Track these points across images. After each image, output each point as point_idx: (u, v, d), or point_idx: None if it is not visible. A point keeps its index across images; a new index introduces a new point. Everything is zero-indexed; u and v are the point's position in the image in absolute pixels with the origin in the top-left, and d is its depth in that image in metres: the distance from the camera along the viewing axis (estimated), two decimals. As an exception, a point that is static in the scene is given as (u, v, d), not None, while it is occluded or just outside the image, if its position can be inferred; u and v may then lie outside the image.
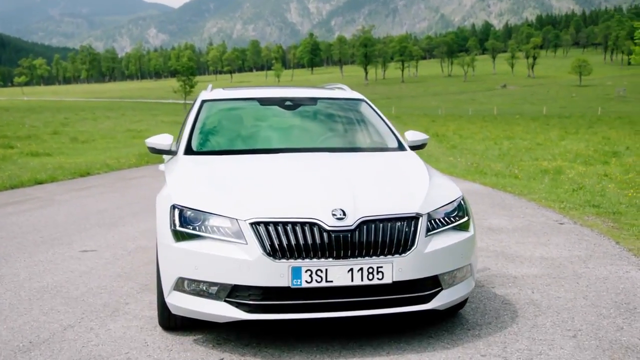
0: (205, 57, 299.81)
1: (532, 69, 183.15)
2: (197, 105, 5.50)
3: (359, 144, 5.42)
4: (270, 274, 3.75)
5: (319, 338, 4.20)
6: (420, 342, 4.10)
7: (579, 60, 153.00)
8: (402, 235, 3.88)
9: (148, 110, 78.88)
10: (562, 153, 19.99)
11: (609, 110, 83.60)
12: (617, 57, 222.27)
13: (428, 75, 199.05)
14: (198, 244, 3.92)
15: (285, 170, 4.49)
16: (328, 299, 3.80)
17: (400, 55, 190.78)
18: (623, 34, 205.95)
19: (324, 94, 5.84)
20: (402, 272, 3.83)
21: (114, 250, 6.99)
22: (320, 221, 3.80)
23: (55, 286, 5.60)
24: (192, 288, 3.98)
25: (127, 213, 9.43)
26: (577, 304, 4.84)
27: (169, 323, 4.35)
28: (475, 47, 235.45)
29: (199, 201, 4.07)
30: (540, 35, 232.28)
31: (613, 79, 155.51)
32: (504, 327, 4.37)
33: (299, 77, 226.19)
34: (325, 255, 3.77)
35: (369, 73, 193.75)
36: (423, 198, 4.10)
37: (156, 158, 19.03)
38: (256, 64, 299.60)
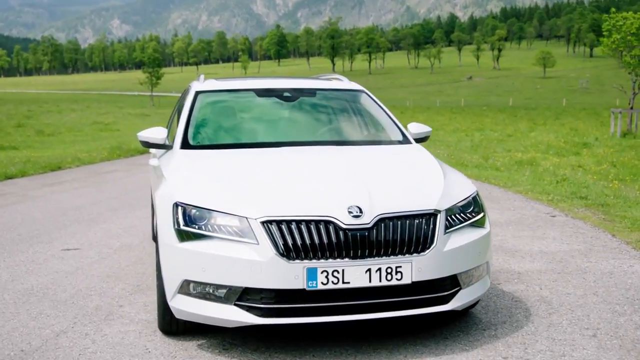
0: (171, 48, 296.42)
1: (497, 61, 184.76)
2: (190, 97, 5.23)
3: (363, 136, 5.21)
4: (284, 276, 3.54)
5: (331, 341, 4.00)
6: (437, 344, 3.93)
7: (543, 52, 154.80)
8: (421, 233, 3.69)
9: (113, 102, 77.59)
10: (533, 144, 20.06)
11: (574, 101, 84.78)
12: (580, 49, 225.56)
13: (395, 67, 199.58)
14: (205, 244, 3.68)
15: (292, 165, 4.27)
16: (345, 301, 3.60)
17: (367, 47, 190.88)
18: (585, 26, 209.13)
19: (322, 84, 5.61)
20: (421, 272, 3.65)
21: (98, 248, 6.69)
22: (336, 219, 3.59)
23: (41, 288, 5.31)
24: (198, 291, 3.74)
25: (105, 209, 9.11)
26: (589, 300, 4.72)
27: (170, 327, 4.11)
28: (441, 39, 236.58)
29: (204, 198, 3.82)
30: (504, 28, 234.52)
31: (576, 71, 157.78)
32: (520, 326, 4.22)
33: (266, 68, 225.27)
34: (342, 255, 3.57)
35: (336, 65, 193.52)
36: (440, 194, 3.92)
37: (128, 152, 18.64)
38: (222, 55, 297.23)
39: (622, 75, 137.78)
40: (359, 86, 5.70)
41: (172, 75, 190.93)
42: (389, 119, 5.28)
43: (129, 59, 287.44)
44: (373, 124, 5.31)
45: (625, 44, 30.55)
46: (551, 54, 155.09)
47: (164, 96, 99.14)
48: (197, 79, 5.70)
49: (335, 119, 5.37)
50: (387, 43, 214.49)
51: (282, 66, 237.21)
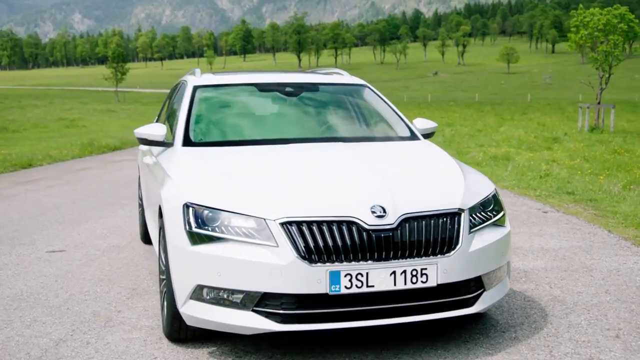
0: (134, 43, 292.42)
1: (462, 57, 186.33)
2: (188, 92, 4.99)
3: (370, 133, 5.04)
4: (305, 280, 3.36)
5: (349, 346, 3.84)
6: (459, 348, 3.80)
7: (507, 48, 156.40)
8: (446, 233, 3.55)
9: (77, 98, 76.04)
10: (504, 139, 20.16)
11: (538, 97, 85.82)
12: (542, 45, 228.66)
13: (361, 62, 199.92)
14: (219, 247, 3.49)
15: (306, 163, 4.09)
16: (369, 306, 3.44)
17: (333, 43, 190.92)
18: (547, 23, 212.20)
19: (324, 79, 5.43)
20: (447, 274, 3.51)
21: (84, 250, 6.43)
22: (359, 220, 3.43)
23: (31, 293, 5.05)
24: (212, 296, 3.55)
25: (86, 208, 8.81)
26: (603, 299, 4.63)
27: (179, 335, 3.90)
28: (406, 35, 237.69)
29: (216, 199, 3.62)
30: (468, 24, 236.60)
31: (539, 67, 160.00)
32: (539, 327, 4.11)
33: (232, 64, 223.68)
34: (366, 257, 3.41)
35: (302, 60, 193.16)
36: (462, 192, 3.78)
37: (100, 149, 18.23)
38: (187, 51, 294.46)
39: (583, 70, 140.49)
40: (362, 80, 5.53)
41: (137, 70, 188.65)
42: (394, 114, 5.13)
43: (92, 54, 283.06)
44: (379, 119, 5.14)
45: (593, 40, 30.97)
46: (515, 49, 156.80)
47: (128, 92, 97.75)
48: (193, 74, 5.46)
49: (339, 114, 5.19)
50: (353, 39, 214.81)
51: (247, 61, 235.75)
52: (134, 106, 54.33)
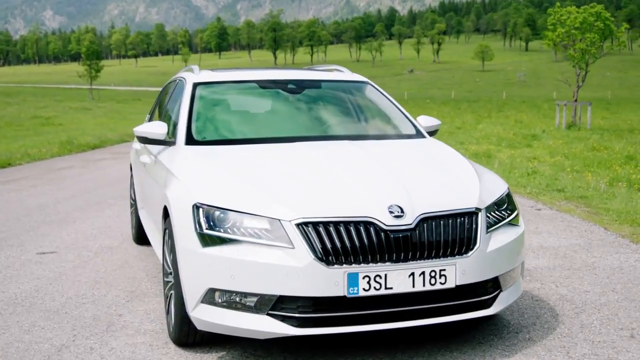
0: (108, 40, 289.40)
1: (437, 55, 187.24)
2: (188, 89, 4.85)
3: (377, 130, 4.95)
4: (323, 282, 3.27)
5: (362, 349, 3.75)
6: (474, 350, 3.73)
7: (482, 46, 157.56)
8: (464, 233, 3.48)
9: (51, 95, 75.00)
10: (484, 136, 20.25)
11: (513, 94, 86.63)
12: (516, 43, 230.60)
13: (337, 60, 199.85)
14: (233, 249, 3.38)
15: (316, 162, 3.98)
16: (387, 309, 3.35)
17: (309, 40, 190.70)
18: (521, 21, 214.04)
19: (325, 76, 5.33)
20: (465, 275, 3.44)
21: (76, 251, 6.26)
22: (377, 220, 3.35)
23: (26, 296, 4.89)
24: (224, 300, 3.44)
25: (72, 208, 8.61)
26: (611, 298, 4.60)
27: (187, 339, 3.78)
28: (382, 33, 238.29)
29: (227, 199, 3.51)
30: (443, 22, 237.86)
31: (513, 65, 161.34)
32: (552, 328, 4.06)
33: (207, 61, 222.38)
34: (384, 258, 3.32)
35: (278, 58, 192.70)
36: (478, 191, 3.72)
37: (79, 147, 17.93)
38: (162, 48, 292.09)
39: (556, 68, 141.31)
40: (363, 77, 5.45)
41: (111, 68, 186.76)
42: (398, 111, 5.05)
43: (64, 51, 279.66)
44: (383, 117, 5.06)
45: (570, 38, 31.25)
46: (489, 47, 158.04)
47: (103, 89, 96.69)
48: (190, 70, 5.33)
49: (343, 111, 5.10)
50: (328, 36, 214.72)
51: (223, 59, 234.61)
52: (109, 104, 53.69)
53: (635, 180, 10.07)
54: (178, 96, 5.10)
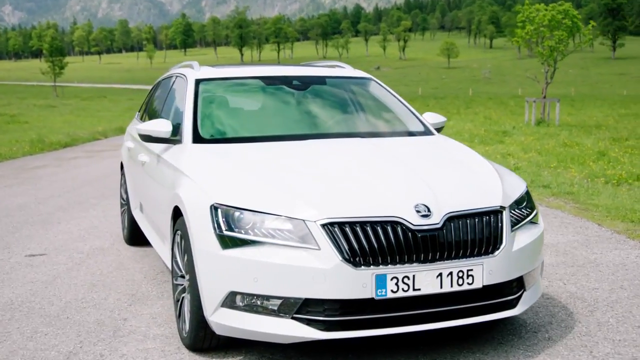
0: (70, 36, 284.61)
1: (403, 52, 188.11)
2: (191, 86, 4.70)
3: (386, 127, 4.85)
4: (350, 285, 3.18)
5: (382, 352, 3.67)
6: (496, 350, 3.68)
7: (447, 43, 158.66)
8: (491, 232, 3.42)
9: (13, 92, 73.45)
10: (456, 133, 20.32)
11: (479, 91, 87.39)
12: (480, 40, 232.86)
13: (303, 57, 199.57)
14: (255, 251, 3.27)
15: (334, 160, 3.89)
16: (415, 310, 3.28)
17: (275, 37, 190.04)
18: (485, 18, 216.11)
19: (329, 72, 5.23)
20: (492, 275, 3.38)
21: (67, 253, 6.07)
22: (404, 219, 3.27)
23: (23, 301, 4.71)
24: (245, 303, 3.33)
25: (53, 208, 8.37)
26: (621, 295, 4.59)
27: (202, 344, 3.66)
28: (348, 30, 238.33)
29: (247, 199, 3.40)
30: (409, 19, 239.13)
31: (478, 62, 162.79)
32: (569, 326, 4.03)
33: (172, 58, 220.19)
34: (412, 259, 3.25)
35: (244, 55, 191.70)
36: (501, 189, 3.66)
37: (51, 145, 17.55)
38: (126, 44, 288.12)
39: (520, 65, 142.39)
40: (366, 74, 5.36)
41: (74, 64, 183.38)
42: (405, 108, 4.98)
43: (25, 47, 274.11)
44: (390, 113, 4.97)
45: (538, 35, 31.60)
46: (454, 44, 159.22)
47: (67, 86, 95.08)
48: (189, 67, 5.18)
49: (350, 108, 5.00)
50: (295, 33, 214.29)
51: (188, 55, 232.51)
52: (74, 101, 52.78)
53: (611, 175, 10.19)
54: (178, 93, 4.95)
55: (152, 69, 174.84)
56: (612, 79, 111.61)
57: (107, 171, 12.14)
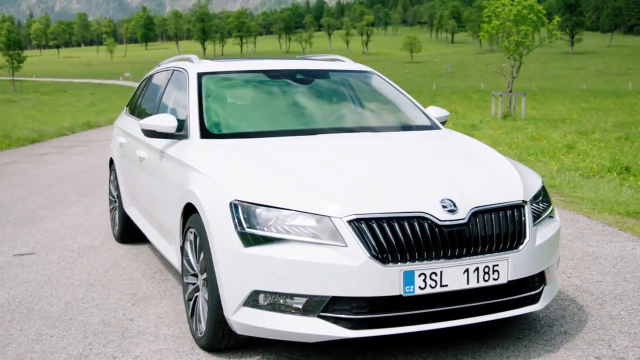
0: (27, 30, 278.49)
1: (366, 46, 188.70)
2: (193, 80, 4.58)
3: (394, 121, 4.78)
4: (379, 282, 3.13)
5: (403, 349, 3.63)
6: (515, 346, 3.67)
7: (409, 37, 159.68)
8: (515, 227, 3.40)
9: (-31, 87, 71.80)
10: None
11: (442, 85, 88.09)
12: (442, 35, 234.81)
13: (266, 51, 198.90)
14: (279, 249, 3.19)
15: (350, 155, 3.82)
16: (442, 307, 3.24)
17: (238, 31, 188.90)
18: (446, 13, 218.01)
19: (332, 66, 5.15)
20: (516, 270, 3.36)
21: (56, 252, 5.90)
22: (431, 215, 3.22)
23: (21, 302, 4.56)
24: (269, 302, 3.26)
25: (34, 206, 8.15)
26: (626, 288, 4.63)
27: (220, 344, 3.58)
28: (311, 24, 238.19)
29: (267, 195, 3.32)
30: (371, 13, 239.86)
31: (440, 56, 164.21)
32: (582, 320, 4.04)
33: (133, 52, 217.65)
34: (439, 255, 3.21)
35: (207, 49, 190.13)
36: (522, 183, 3.64)
37: (18, 141, 17.12)
38: (85, 38, 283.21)
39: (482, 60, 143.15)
40: (367, 67, 5.31)
41: (31, 58, 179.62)
42: (409, 101, 4.95)
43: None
44: (395, 107, 4.92)
45: (504, 30, 31.94)
46: (417, 39, 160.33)
47: (25, 81, 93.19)
48: (188, 60, 5.05)
49: (356, 102, 4.94)
50: (258, 27, 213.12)
51: (150, 49, 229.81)
52: (34, 96, 51.75)
53: (583, 168, 10.33)
54: (178, 87, 4.83)
55: (113, 63, 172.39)
56: (571, 73, 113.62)
57: (81, 167, 11.90)
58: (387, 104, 5.00)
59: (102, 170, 11.25)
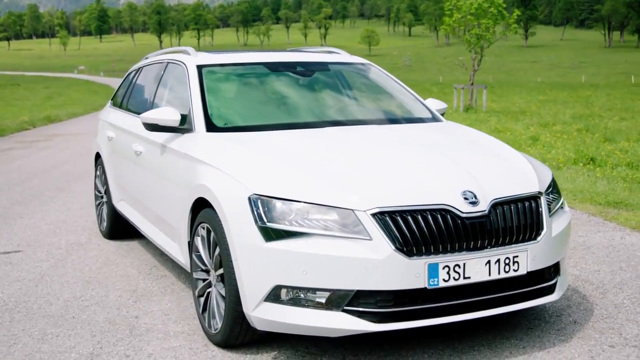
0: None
1: (324, 39, 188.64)
2: (193, 72, 4.49)
3: (399, 114, 4.76)
4: (404, 275, 3.12)
5: (419, 342, 3.64)
6: (528, 336, 3.71)
7: (368, 31, 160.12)
8: (532, 218, 3.43)
9: None
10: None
11: (401, 78, 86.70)
12: (399, 28, 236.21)
13: (224, 44, 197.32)
14: (303, 243, 3.16)
15: (362, 148, 3.79)
16: (464, 299, 3.26)
17: (195, 24, 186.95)
18: (403, 7, 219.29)
19: (329, 58, 5.12)
20: (535, 261, 3.39)
21: (44, 249, 5.75)
22: (453, 207, 3.23)
23: (18, 302, 4.43)
24: (290, 297, 3.22)
25: (9, 202, 7.93)
26: (624, 277, 4.72)
27: (236, 340, 3.53)
28: (269, 17, 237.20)
29: (287, 189, 3.28)
30: (329, 6, 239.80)
31: (397, 49, 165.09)
32: (588, 309, 4.10)
33: (87, 45, 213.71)
34: (462, 247, 3.22)
35: (163, 42, 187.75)
36: (535, 174, 3.68)
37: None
38: (36, 30, 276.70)
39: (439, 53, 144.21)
40: (365, 59, 5.30)
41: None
42: (409, 93, 4.95)
43: None
44: (396, 99, 4.91)
45: (465, 23, 32.29)
46: (375, 32, 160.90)
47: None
48: (184, 52, 4.94)
49: (358, 94, 4.93)
50: (215, 20, 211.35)
51: (104, 42, 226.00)
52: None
53: (550, 159, 10.51)
54: (176, 80, 4.75)
55: (67, 55, 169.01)
56: (526, 66, 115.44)
57: (50, 162, 11.62)
58: (387, 96, 4.99)
59: (72, 165, 11.03)
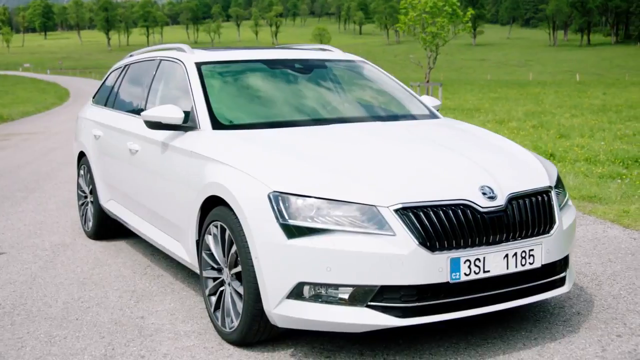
0: None
1: (275, 37, 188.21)
2: (192, 70, 4.43)
3: (400, 111, 4.77)
4: (427, 270, 3.16)
5: (434, 335, 3.69)
6: (537, 327, 3.79)
7: (319, 29, 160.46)
8: (545, 212, 3.52)
9: None
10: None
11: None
12: (350, 26, 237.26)
13: (174, 41, 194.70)
14: (327, 240, 3.17)
15: (375, 145, 3.81)
16: (484, 292, 3.32)
17: (144, 21, 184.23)
18: (354, 5, 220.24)
19: (325, 55, 5.13)
20: (549, 254, 3.48)
21: (29, 250, 5.61)
22: (472, 202, 3.28)
23: (15, 304, 4.32)
24: (313, 294, 3.23)
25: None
26: (615, 268, 4.85)
27: (253, 338, 3.51)
28: (219, 14, 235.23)
29: (307, 186, 3.29)
30: (280, 4, 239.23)
31: (348, 47, 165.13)
32: (589, 300, 4.21)
33: (32, 42, 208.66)
34: (482, 241, 3.28)
35: (111, 39, 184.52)
36: (544, 169, 3.76)
37: None
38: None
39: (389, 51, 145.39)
40: (359, 57, 5.32)
41: None
42: (405, 91, 4.99)
43: None
44: (394, 97, 4.94)
45: (420, 22, 32.70)
46: (326, 30, 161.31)
47: None
48: (180, 50, 4.88)
49: (358, 92, 4.96)
50: (164, 17, 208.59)
51: (49, 39, 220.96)
52: None
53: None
54: (173, 78, 4.69)
55: (10, 53, 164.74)
56: (475, 64, 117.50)
57: (14, 162, 11.32)
58: (385, 93, 5.02)
59: (38, 165, 10.78)
